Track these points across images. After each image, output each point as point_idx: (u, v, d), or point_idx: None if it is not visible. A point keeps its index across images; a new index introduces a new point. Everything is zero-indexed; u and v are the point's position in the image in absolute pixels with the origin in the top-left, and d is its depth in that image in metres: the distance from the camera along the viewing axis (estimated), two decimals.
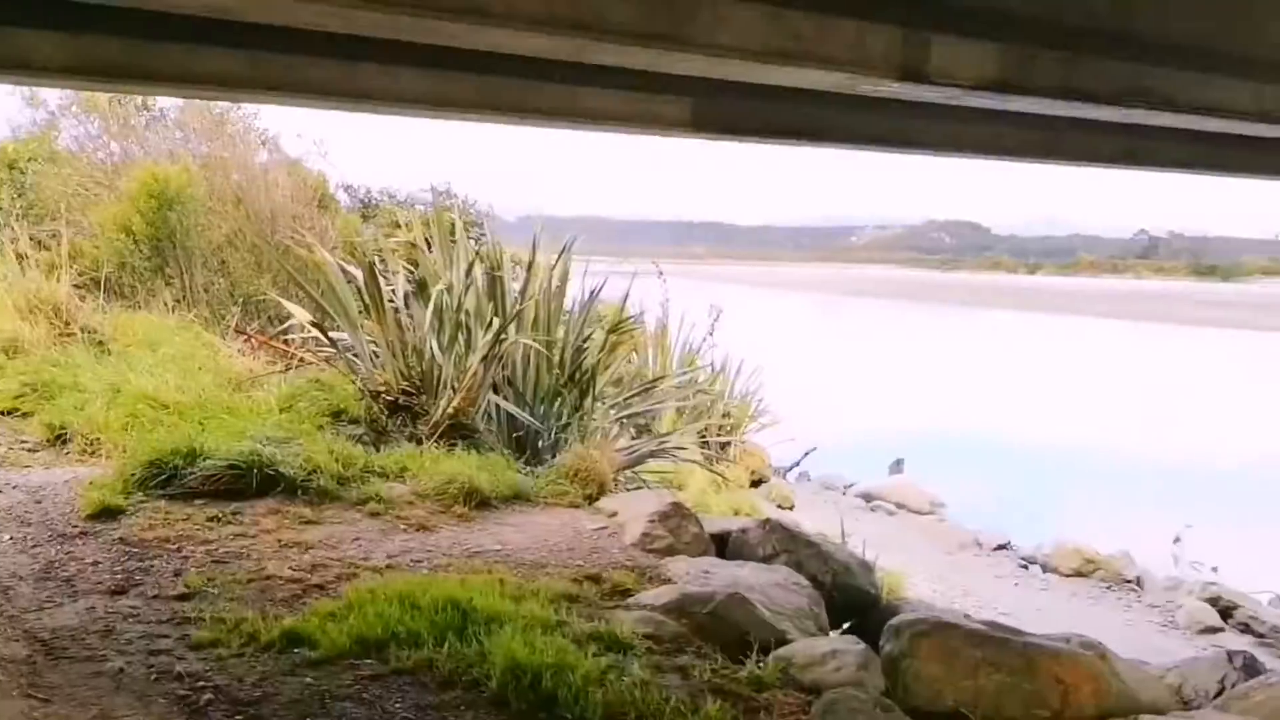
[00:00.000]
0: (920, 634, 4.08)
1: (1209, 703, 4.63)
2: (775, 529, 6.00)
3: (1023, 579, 14.26)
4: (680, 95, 6.01)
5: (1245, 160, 8.66)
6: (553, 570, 5.26)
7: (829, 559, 5.75)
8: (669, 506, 6.01)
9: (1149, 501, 18.66)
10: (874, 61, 4.10)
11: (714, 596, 4.54)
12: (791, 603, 5.02)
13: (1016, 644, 4.07)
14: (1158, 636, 12.28)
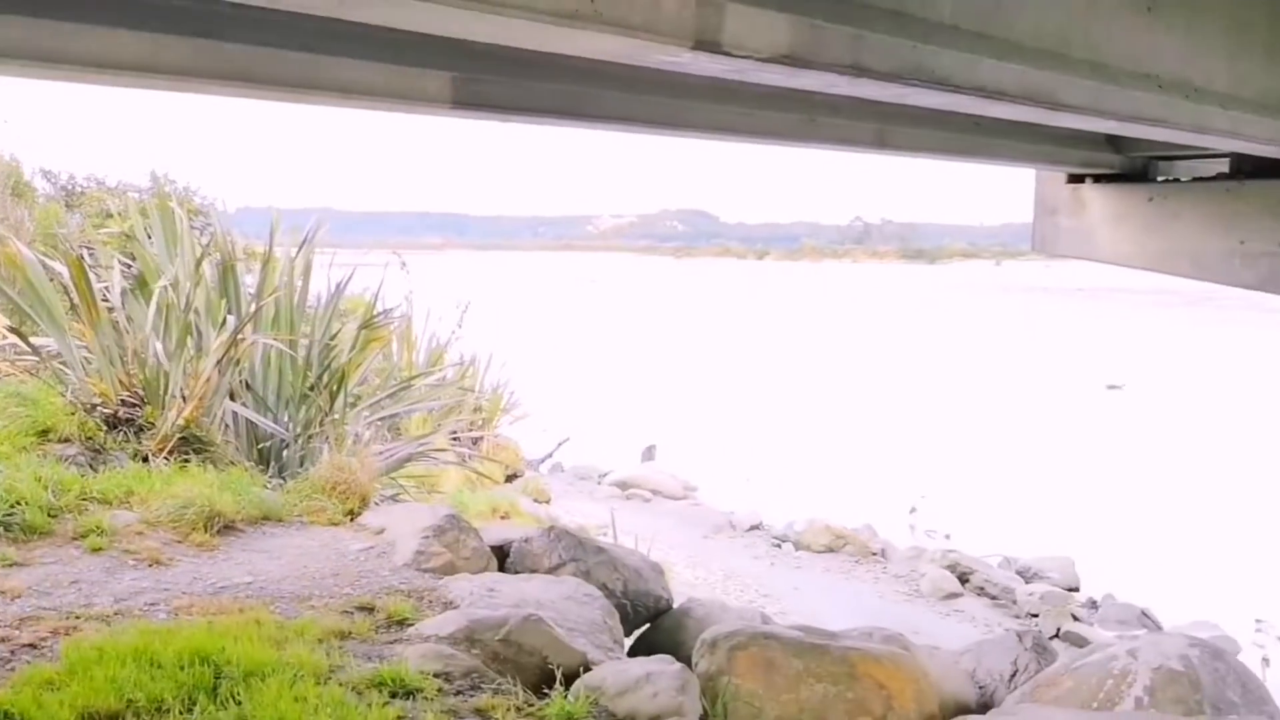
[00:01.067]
0: (737, 647, 3.80)
1: (1004, 685, 4.61)
2: (561, 536, 5.59)
3: (777, 558, 14.56)
4: (442, 69, 5.48)
5: (982, 147, 9.01)
6: (318, 603, 4.61)
7: (619, 565, 5.41)
8: (444, 519, 5.47)
9: (887, 475, 19.54)
10: (668, 28, 3.74)
11: (506, 620, 4.08)
12: (585, 617, 4.64)
13: (836, 650, 3.86)
14: (905, 605, 12.79)
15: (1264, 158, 8.75)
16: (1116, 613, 12.43)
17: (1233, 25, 6.88)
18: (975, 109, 5.46)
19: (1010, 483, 19.65)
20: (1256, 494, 18.88)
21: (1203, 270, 9.77)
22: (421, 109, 5.70)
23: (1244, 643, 11.39)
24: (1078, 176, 10.45)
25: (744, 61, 4.11)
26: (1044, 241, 10.86)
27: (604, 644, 4.54)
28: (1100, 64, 5.82)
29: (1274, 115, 7.27)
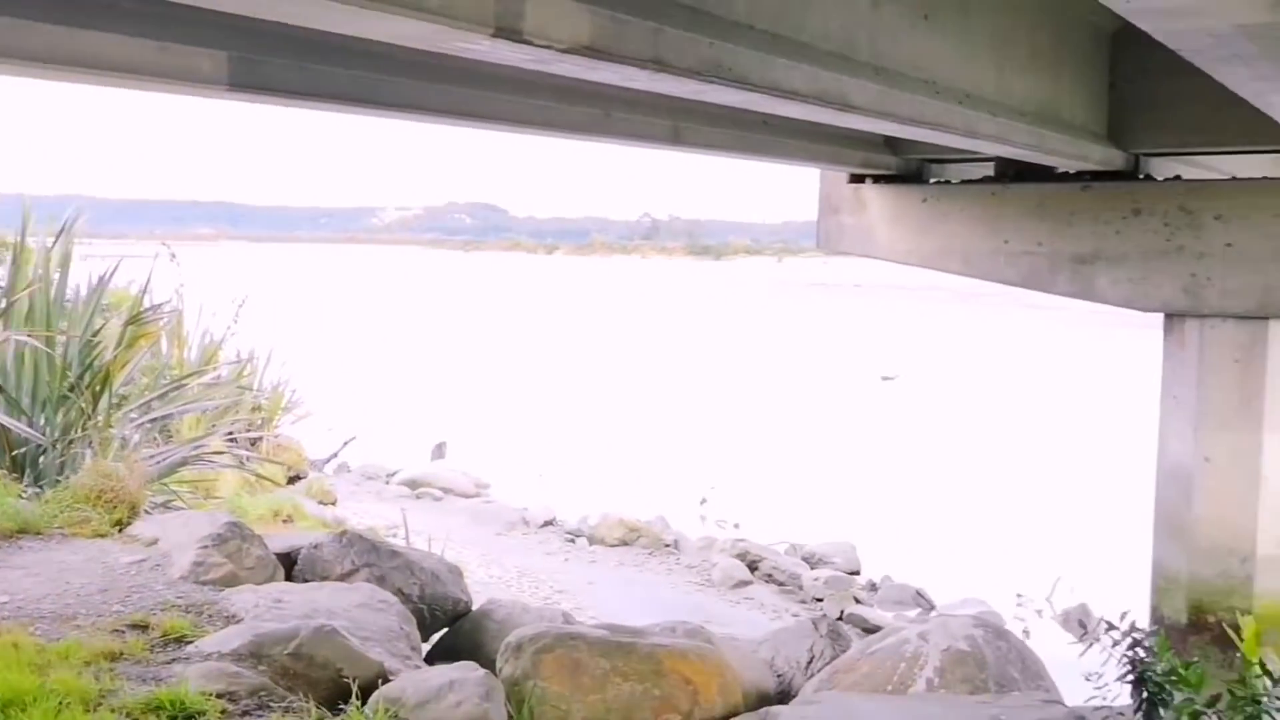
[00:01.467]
0: (543, 650, 3.72)
1: (801, 673, 4.70)
2: (353, 541, 5.35)
3: (571, 553, 14.56)
4: (218, 47, 5.14)
5: (770, 146, 9.24)
6: (84, 622, 4.23)
7: (415, 569, 5.23)
8: (225, 527, 5.14)
9: (678, 468, 19.85)
10: (467, 13, 3.60)
11: (296, 633, 3.85)
12: (381, 625, 4.45)
13: (643, 647, 3.83)
14: (699, 595, 13.01)
15: (1025, 162, 9.33)
16: (894, 594, 13.01)
17: (998, 37, 7.29)
18: (770, 108, 5.55)
19: (794, 472, 20.32)
20: (1016, 476, 20.22)
21: (972, 268, 10.32)
22: (194, 90, 5.33)
23: (1008, 617, 12.12)
24: (859, 177, 10.86)
25: (545, 51, 4.01)
26: (828, 239, 11.23)
27: (401, 652, 4.36)
28: (883, 68, 6.03)
29: (1035, 122, 7.75)
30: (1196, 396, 8.97)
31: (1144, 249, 9.19)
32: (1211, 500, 8.92)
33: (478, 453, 19.92)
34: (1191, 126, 8.82)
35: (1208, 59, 3.69)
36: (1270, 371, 8.65)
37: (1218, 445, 8.87)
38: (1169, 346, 9.29)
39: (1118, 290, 9.45)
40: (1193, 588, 9.06)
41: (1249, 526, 8.77)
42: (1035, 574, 13.00)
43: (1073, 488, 19.24)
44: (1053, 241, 9.70)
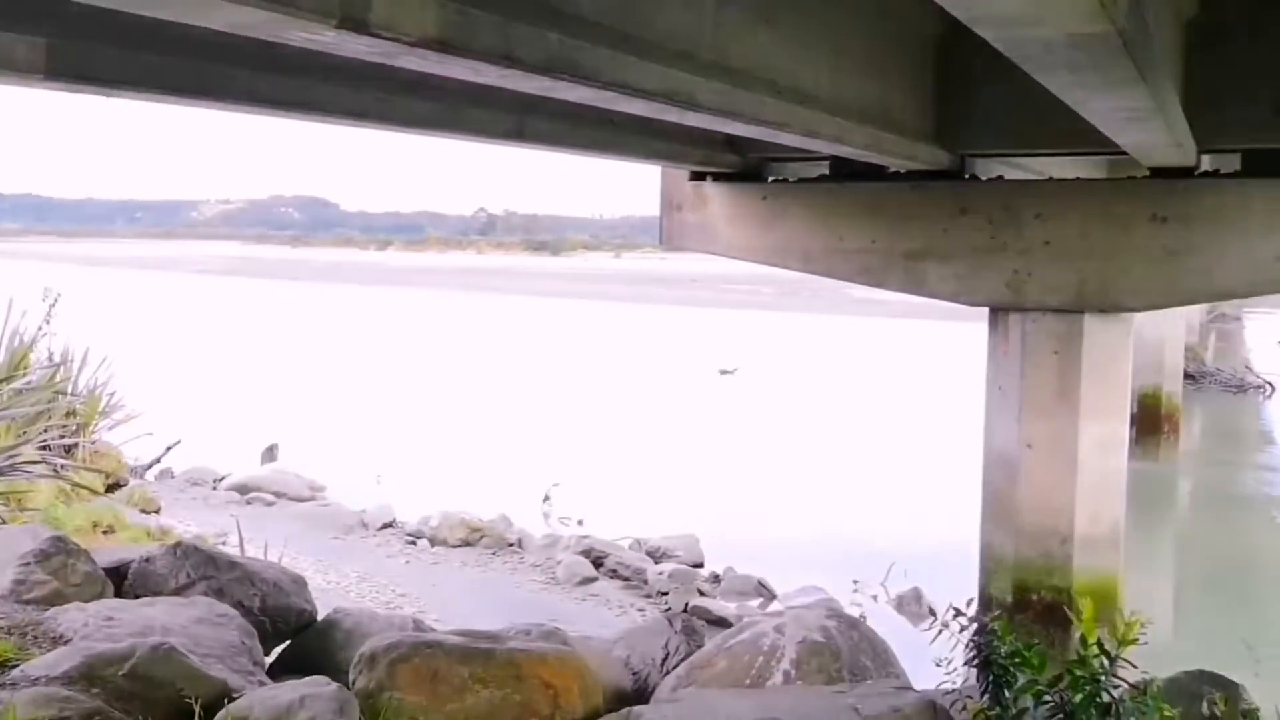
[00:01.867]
0: (399, 660, 3.61)
1: (657, 670, 4.72)
2: (188, 553, 5.10)
3: (413, 555, 14.29)
4: (34, 33, 4.80)
5: (614, 143, 9.26)
6: None
7: (255, 580, 5.01)
8: (48, 543, 4.82)
9: (522, 465, 19.72)
10: (311, 3, 3.46)
11: (131, 652, 3.64)
12: (221, 640, 4.25)
13: (502, 653, 3.77)
14: (544, 593, 12.95)
15: (859, 162, 9.61)
16: (737, 584, 13.23)
17: (835, 42, 7.48)
18: (619, 105, 5.54)
19: (637, 467, 20.46)
20: (852, 466, 20.87)
21: (811, 264, 10.58)
22: (9, 78, 4.98)
23: (845, 603, 12.48)
24: (700, 174, 10.99)
25: (392, 44, 3.89)
26: (670, 236, 11.34)
27: (244, 668, 4.18)
28: (728, 68, 6.10)
29: (869, 124, 7.98)
30: (1019, 386, 9.42)
31: (970, 246, 9.59)
32: (1034, 485, 9.39)
33: (311, 455, 19.32)
34: (1012, 130, 9.24)
35: (1038, 66, 3.87)
36: (1085, 362, 9.16)
37: (1039, 432, 9.34)
38: (994, 339, 9.73)
39: (946, 286, 9.85)
40: (1018, 568, 9.52)
41: (1067, 508, 9.27)
42: (871, 560, 13.42)
43: (906, 476, 19.99)
44: (886, 239, 10.03)
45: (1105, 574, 9.35)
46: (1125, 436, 9.49)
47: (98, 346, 15.55)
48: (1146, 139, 6.59)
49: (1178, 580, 14.33)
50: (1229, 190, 8.70)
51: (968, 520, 10.64)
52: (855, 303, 64.55)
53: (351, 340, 43.50)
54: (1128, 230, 8.96)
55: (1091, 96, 4.55)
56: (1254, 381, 32.08)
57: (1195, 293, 9.97)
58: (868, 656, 4.09)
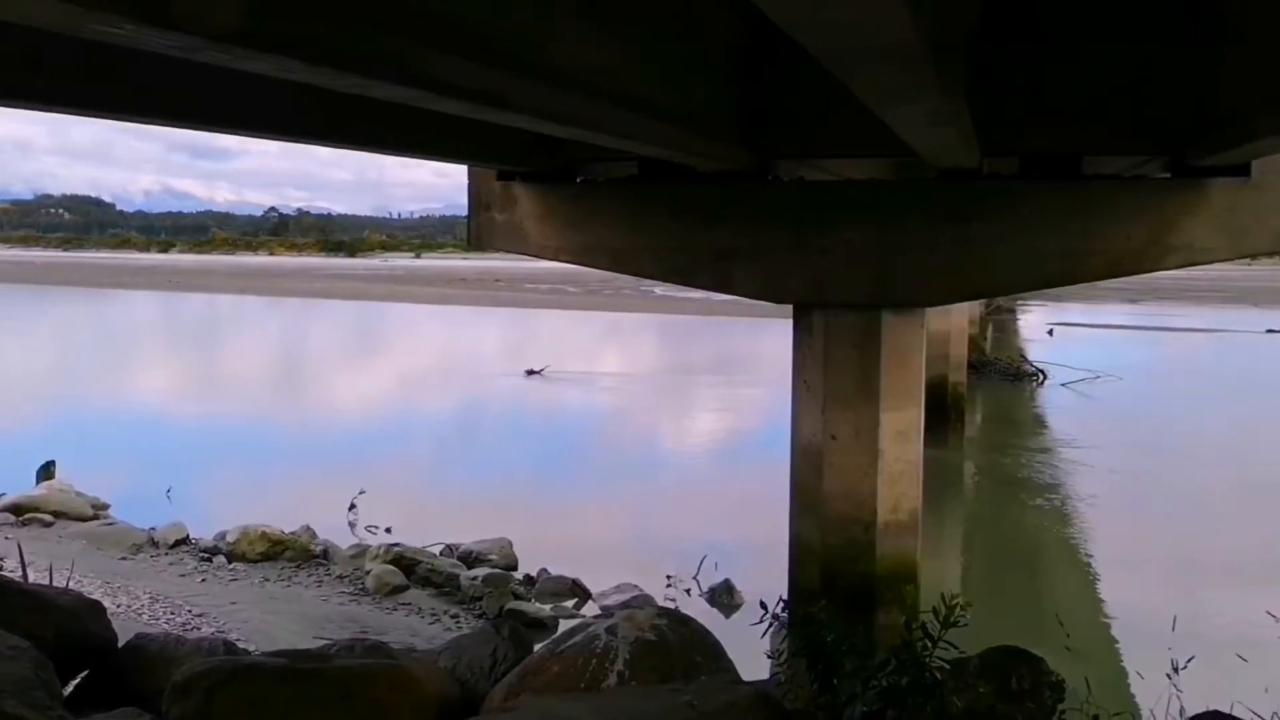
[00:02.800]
0: (216, 686, 3.41)
1: (485, 678, 4.65)
2: None
3: (210, 573, 13.66)
4: None
5: (424, 142, 9.05)
6: None
7: (48, 608, 4.66)
8: None
9: (325, 474, 19.13)
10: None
11: None
12: (12, 674, 3.93)
13: (329, 672, 3.62)
14: (353, 605, 12.60)
15: (668, 162, 9.74)
16: (552, 586, 13.20)
17: (648, 43, 7.54)
18: (435, 104, 5.42)
19: (446, 470, 20.18)
20: (665, 463, 21.17)
21: (621, 263, 10.66)
22: None
23: (659, 598, 12.65)
24: (508, 174, 10.90)
25: (195, 39, 3.68)
26: (480, 236, 11.20)
27: (40, 702, 3.89)
28: (545, 68, 6.07)
29: (679, 125, 8.10)
30: (823, 380, 9.75)
31: (775, 245, 9.86)
32: (838, 475, 9.74)
33: (93, 472, 18.18)
34: (813, 133, 9.54)
35: (850, 72, 4.00)
36: (884, 356, 9.57)
37: (843, 424, 9.70)
38: (799, 335, 10.05)
39: (753, 284, 10.10)
40: (824, 556, 9.85)
41: (870, 497, 9.65)
42: (684, 556, 13.64)
43: (717, 472, 20.45)
44: (695, 238, 10.20)
45: (905, 558, 9.78)
46: (922, 426, 9.96)
47: None
48: (940, 142, 6.93)
49: (969, 561, 15.17)
50: (1011, 191, 9.26)
51: (776, 512, 10.95)
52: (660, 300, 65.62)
53: (132, 348, 41.19)
54: (920, 229, 9.41)
55: (895, 102, 4.75)
56: (1029, 370, 34.38)
57: (982, 289, 10.60)
58: (699, 653, 4.14)
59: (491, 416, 27.21)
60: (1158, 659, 5.29)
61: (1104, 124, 8.54)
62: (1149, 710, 4.69)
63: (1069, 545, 15.75)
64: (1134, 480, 20.10)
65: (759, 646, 9.56)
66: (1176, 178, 8.88)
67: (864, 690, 3.76)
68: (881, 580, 9.70)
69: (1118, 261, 9.12)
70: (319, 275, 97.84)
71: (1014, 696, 3.89)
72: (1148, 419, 27.56)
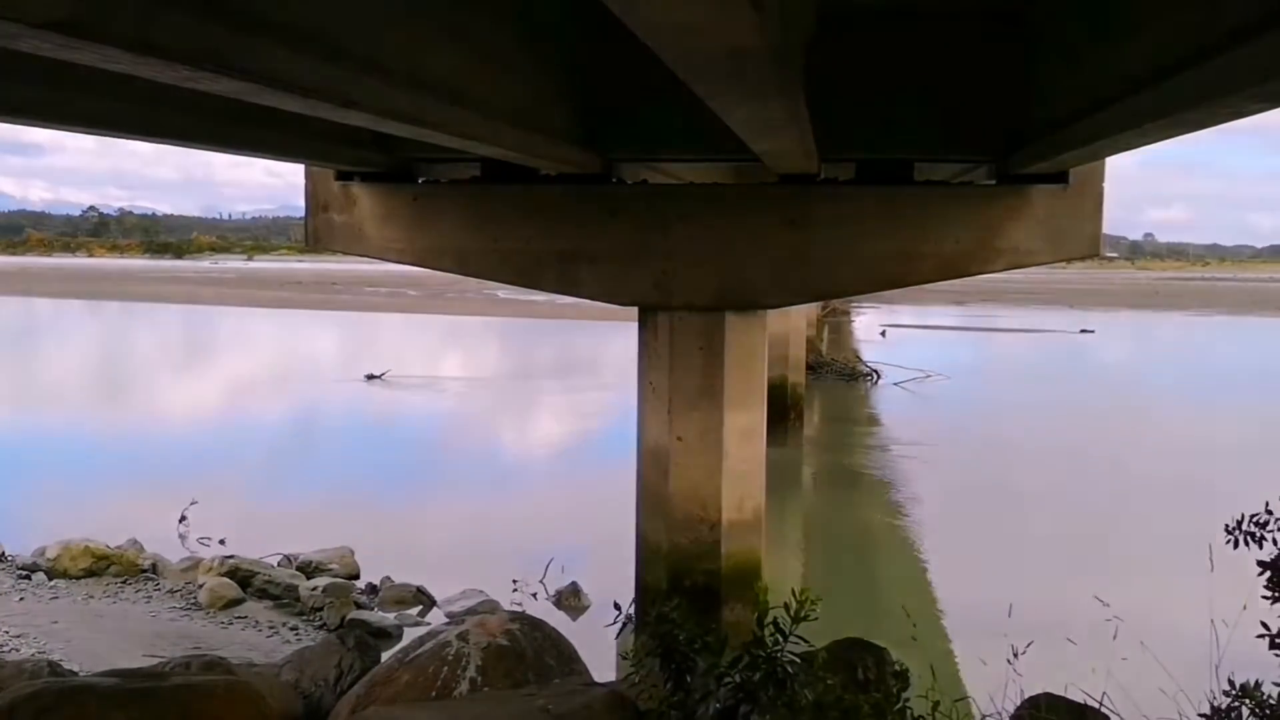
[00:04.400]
0: (43, 711, 3.21)
1: (330, 690, 4.53)
2: None
3: (28, 590, 12.96)
4: None
5: (253, 139, 8.75)
6: None
7: None
8: None
9: (153, 485, 18.31)
10: None
11: None
12: None
13: (165, 691, 3.45)
14: (185, 621, 12.11)
15: (512, 164, 9.68)
16: (395, 594, 12.96)
17: (485, 43, 7.49)
18: (270, 100, 5.26)
19: (283, 479, 19.58)
20: (508, 467, 21.03)
21: (467, 265, 10.54)
22: None
23: (505, 602, 12.56)
24: (347, 174, 10.65)
25: (14, 25, 3.47)
26: (318, 237, 10.90)
27: None
28: (384, 67, 5.96)
29: (522, 126, 8.06)
30: (669, 382, 9.86)
31: (620, 247, 9.92)
32: (684, 475, 9.87)
33: None
34: (655, 135, 9.64)
35: (696, 75, 4.05)
36: (728, 357, 9.74)
37: (688, 425, 9.83)
38: (644, 337, 10.13)
39: (598, 286, 10.14)
40: (671, 555, 9.96)
41: (715, 496, 9.81)
42: (529, 560, 13.59)
43: (561, 475, 20.42)
44: (540, 240, 10.17)
45: (749, 556, 9.98)
46: (764, 426, 10.17)
47: None
48: (780, 147, 7.09)
49: (809, 557, 15.57)
50: (847, 196, 9.55)
51: (622, 515, 11.00)
52: (503, 303, 65.24)
53: None
54: (761, 233, 9.61)
55: (738, 105, 4.83)
56: (864, 370, 35.55)
57: (822, 291, 10.88)
58: (552, 656, 4.11)
59: (330, 422, 26.54)
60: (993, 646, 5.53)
61: (933, 131, 8.91)
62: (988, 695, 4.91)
63: (904, 539, 16.35)
64: (963, 475, 21.05)
65: (610, 648, 9.63)
66: (1001, 184, 9.32)
67: (717, 687, 3.80)
68: (727, 578, 9.87)
69: (948, 264, 9.51)
70: (144, 278, 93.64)
71: (861, 686, 4.00)
72: (975, 415, 28.90)
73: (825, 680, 3.77)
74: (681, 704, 3.90)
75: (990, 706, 4.86)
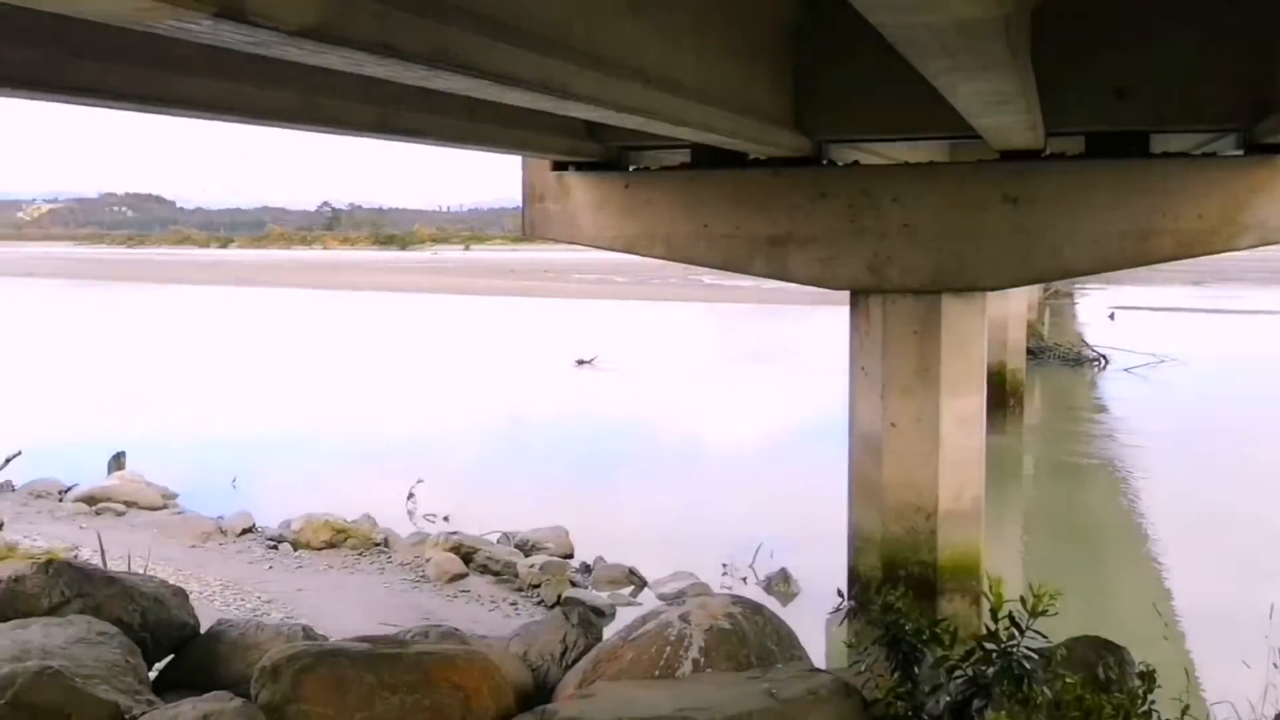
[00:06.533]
0: (303, 670, 3.48)
1: (556, 664, 4.69)
2: (61, 571, 4.82)
3: (276, 560, 13.93)
4: None
5: (477, 133, 9.12)
6: None
7: (135, 595, 4.77)
8: None
9: (383, 463, 19.35)
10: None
11: (13, 679, 3.42)
12: (104, 659, 4.04)
13: (409, 657, 3.67)
14: (415, 592, 12.77)
15: (720, 149, 9.71)
16: (608, 574, 13.25)
17: (698, 29, 7.53)
18: (495, 95, 5.47)
19: (500, 460, 20.31)
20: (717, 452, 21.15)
21: (675, 251, 10.65)
22: None
23: (715, 586, 12.65)
24: (562, 164, 10.94)
25: (270, 33, 3.74)
26: (534, 226, 11.25)
27: (130, 687, 3.98)
28: (600, 57, 6.09)
29: (734, 111, 8.07)
30: (882, 367, 9.69)
31: (831, 230, 9.80)
32: (898, 462, 9.68)
33: (161, 462, 18.57)
34: (868, 116, 9.48)
35: (920, 52, 3.97)
36: (944, 341, 9.48)
37: (902, 411, 9.63)
38: (856, 321, 9.98)
39: (809, 270, 10.05)
40: (885, 545, 9.80)
41: (931, 485, 9.58)
42: (738, 544, 13.62)
43: (771, 459, 20.37)
44: (749, 225, 10.16)
45: (968, 547, 9.71)
46: (983, 412, 9.86)
47: None
48: (1006, 122, 6.84)
49: (1031, 550, 14.99)
50: (1075, 171, 9.11)
51: (831, 500, 10.88)
52: (709, 289, 65.51)
53: (198, 342, 41.89)
54: (981, 212, 9.30)
55: (965, 81, 4.70)
56: (1089, 355, 33.81)
57: (1045, 271, 10.44)
58: (773, 641, 4.14)
59: (542, 407, 27.32)
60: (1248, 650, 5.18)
61: (1169, 100, 8.39)
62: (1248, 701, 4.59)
63: (1137, 533, 15.50)
64: (1202, 467, 19.72)
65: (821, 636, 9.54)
66: (1249, 155, 8.70)
67: (948, 679, 3.72)
68: (944, 570, 9.63)
69: (1188, 242, 8.94)
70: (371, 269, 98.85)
71: (1102, 686, 3.83)
72: (1215, 404, 26.97)
73: (1064, 678, 3.64)
74: (909, 695, 3.84)
75: (1250, 714, 4.55)
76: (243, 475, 17.99)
